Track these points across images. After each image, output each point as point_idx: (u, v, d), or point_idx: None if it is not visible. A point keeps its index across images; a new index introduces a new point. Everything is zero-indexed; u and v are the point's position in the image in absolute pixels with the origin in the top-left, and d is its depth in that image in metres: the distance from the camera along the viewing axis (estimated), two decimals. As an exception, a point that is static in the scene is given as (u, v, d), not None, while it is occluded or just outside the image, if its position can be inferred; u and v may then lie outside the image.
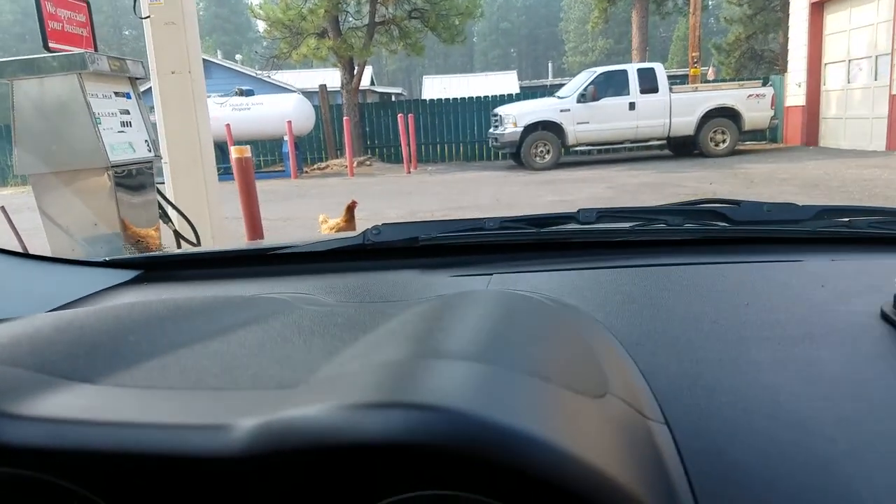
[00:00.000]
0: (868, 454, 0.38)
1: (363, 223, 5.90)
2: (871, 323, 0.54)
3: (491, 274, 0.76)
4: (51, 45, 3.07)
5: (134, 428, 0.34)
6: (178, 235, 3.76)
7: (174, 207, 3.86)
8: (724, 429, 0.41)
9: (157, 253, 1.11)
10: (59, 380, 0.39)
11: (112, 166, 3.10)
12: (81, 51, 3.15)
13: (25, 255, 0.84)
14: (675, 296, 0.65)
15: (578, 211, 0.85)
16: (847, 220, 0.83)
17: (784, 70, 18.67)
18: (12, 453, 0.34)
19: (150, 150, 3.58)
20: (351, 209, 4.58)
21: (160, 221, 3.67)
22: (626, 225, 0.85)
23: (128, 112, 3.44)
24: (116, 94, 3.37)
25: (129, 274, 0.90)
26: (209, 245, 4.29)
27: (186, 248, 1.06)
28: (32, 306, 0.74)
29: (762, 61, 22.62)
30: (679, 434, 0.39)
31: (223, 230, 4.69)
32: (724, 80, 16.23)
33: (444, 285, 0.74)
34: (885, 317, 0.55)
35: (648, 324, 0.58)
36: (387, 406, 0.31)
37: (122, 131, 3.35)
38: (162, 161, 4.23)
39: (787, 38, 21.19)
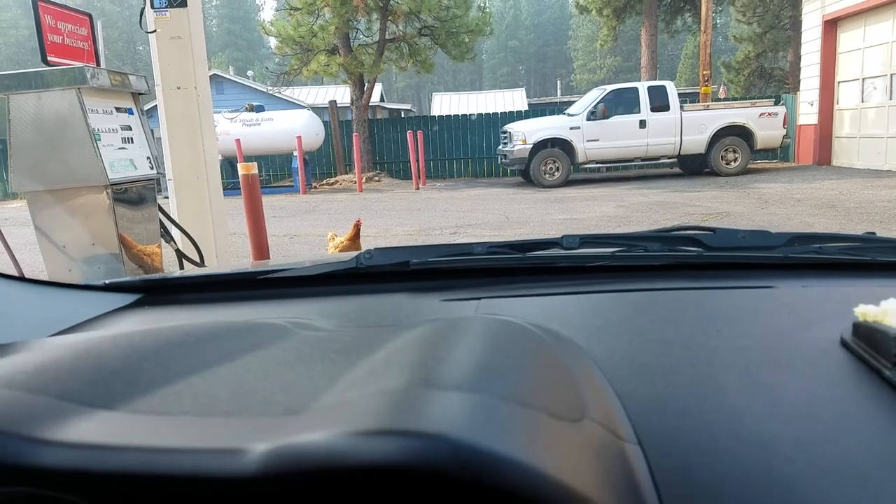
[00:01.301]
0: (823, 474, 0.40)
1: (371, 240, 5.79)
2: (832, 349, 0.57)
3: (479, 298, 0.78)
4: (49, 58, 2.99)
5: (154, 453, 0.36)
6: (180, 255, 3.65)
7: (177, 226, 3.76)
8: (693, 449, 0.43)
9: (155, 276, 1.11)
10: (82, 406, 0.41)
11: (111, 184, 3.00)
12: (81, 65, 3.06)
13: (25, 280, 0.85)
14: (651, 321, 0.68)
15: (563, 237, 0.87)
16: (818, 246, 0.85)
17: (794, 88, 18.65)
18: (41, 476, 0.37)
19: (152, 168, 3.48)
20: (357, 227, 4.48)
21: (161, 240, 3.56)
22: (608, 251, 0.87)
23: (129, 128, 3.35)
24: (118, 109, 3.28)
25: (128, 297, 0.91)
26: (213, 264, 4.20)
27: (185, 271, 1.13)
28: (35, 331, 0.75)
29: (771, 79, 22.58)
30: (651, 453, 0.42)
31: (228, 248, 4.58)
32: (734, 99, 16.13)
33: (435, 309, 0.76)
34: (844, 343, 0.57)
35: (625, 348, 0.60)
36: (384, 433, 0.34)
37: (123, 148, 3.25)
38: (166, 178, 4.14)
39: (798, 57, 21.26)
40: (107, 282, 0.93)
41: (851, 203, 7.76)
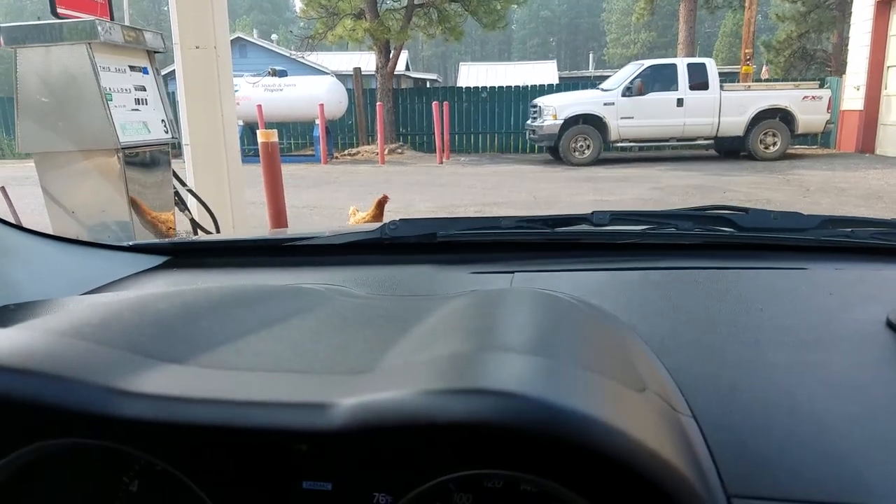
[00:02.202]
0: (878, 449, 0.41)
1: (393, 215, 5.54)
2: (877, 331, 0.57)
3: (512, 272, 0.77)
4: (59, 10, 2.76)
5: (239, 406, 0.37)
6: (195, 225, 3.45)
7: (193, 194, 3.55)
8: (747, 423, 0.43)
9: (180, 239, 1.15)
10: (152, 360, 0.41)
11: (122, 148, 2.79)
12: (91, 18, 2.83)
13: (54, 238, 0.84)
14: (691, 299, 0.67)
15: (592, 213, 0.86)
16: (850, 230, 0.85)
17: (837, 72, 17.94)
18: (124, 427, 0.37)
19: (167, 132, 3.26)
20: (382, 204, 4.23)
21: (175, 209, 3.36)
22: (638, 228, 0.86)
23: (144, 88, 3.12)
24: (132, 68, 3.05)
25: (154, 259, 0.91)
26: (229, 234, 4.02)
27: (212, 236, 1.13)
28: (67, 289, 0.74)
29: (813, 61, 21.80)
30: (706, 427, 0.42)
31: (245, 218, 4.38)
32: (776, 80, 15.47)
33: (467, 281, 0.75)
34: (890, 325, 0.57)
35: (669, 325, 0.60)
36: (472, 392, 0.34)
37: (137, 109, 3.04)
38: (182, 143, 3.94)
39: (843, 39, 20.46)
40: (131, 243, 0.93)
41: (901, 195, 7.35)
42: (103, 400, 0.37)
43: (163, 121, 3.25)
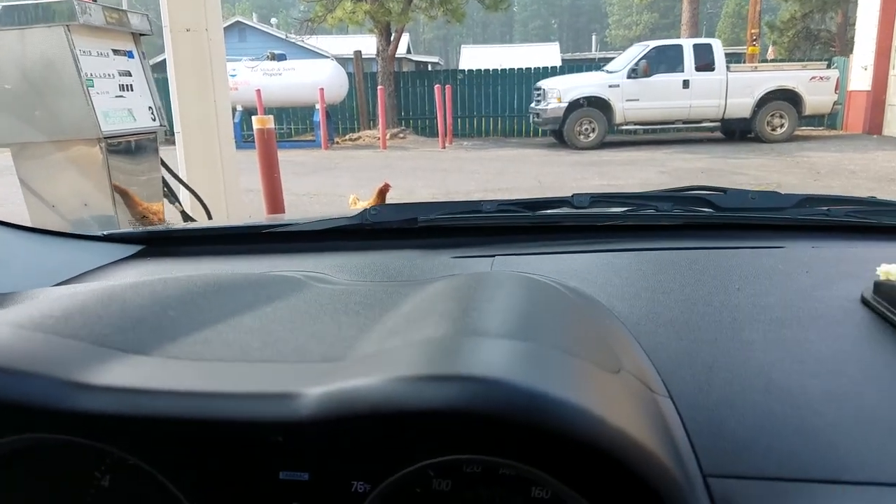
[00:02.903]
0: (853, 426, 0.41)
1: (394, 201, 5.37)
2: (853, 308, 0.58)
3: (493, 256, 0.77)
4: (34, -10, 2.60)
5: (204, 397, 0.36)
6: (186, 217, 3.31)
7: (183, 184, 3.41)
8: (723, 402, 0.43)
9: (155, 227, 1.10)
10: (115, 351, 0.40)
11: (105, 137, 2.64)
12: (70, -2, 2.67)
13: (24, 228, 0.82)
14: (669, 279, 0.67)
15: (573, 195, 0.86)
16: (826, 209, 0.86)
17: (841, 52, 17.67)
18: (85, 421, 0.36)
19: (154, 119, 3.11)
20: (383, 192, 4.07)
21: (165, 201, 3.22)
22: (618, 210, 0.86)
23: (129, 74, 2.96)
24: (116, 52, 2.89)
25: (128, 249, 0.89)
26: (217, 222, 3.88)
27: (187, 224, 1.25)
28: (38, 280, 0.73)
29: (817, 41, 21.54)
30: (682, 407, 0.42)
31: (240, 207, 4.24)
32: (782, 61, 15.16)
33: (448, 266, 0.75)
34: (865, 302, 0.58)
35: (647, 305, 0.60)
36: (445, 378, 0.34)
37: (121, 96, 2.88)
38: (174, 131, 3.79)
39: (847, 19, 20.12)
40: (105, 232, 0.90)
41: (914, 177, 7.17)
42: (62, 394, 0.36)
43: (150, 108, 3.10)
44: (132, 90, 2.97)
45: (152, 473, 0.38)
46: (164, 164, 3.23)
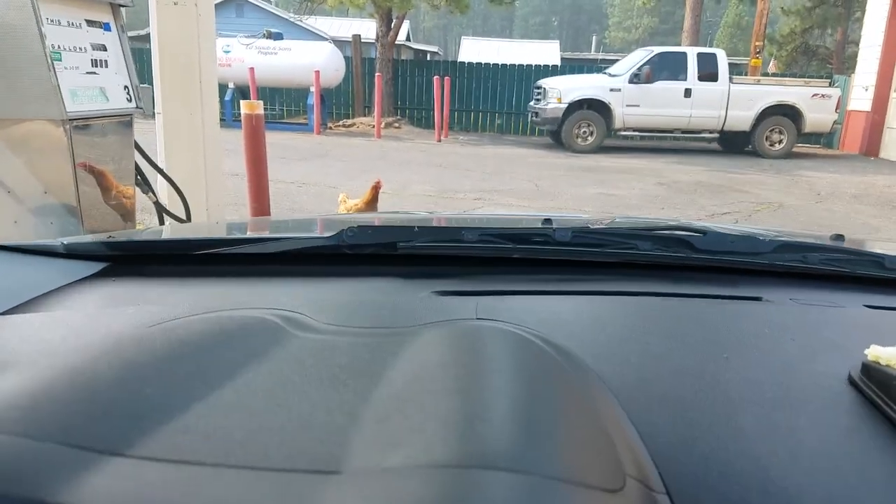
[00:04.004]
0: None
1: (388, 198, 5.05)
2: (841, 388, 0.56)
3: (476, 293, 0.76)
4: (-2, -52, 2.31)
5: None
6: (160, 209, 3.04)
7: (162, 173, 3.13)
8: (720, 501, 0.42)
9: (122, 240, 0.91)
10: (87, 453, 0.36)
11: (71, 119, 2.36)
12: (37, -41, 2.37)
13: None
14: (657, 339, 0.66)
15: (555, 229, 0.87)
16: (802, 255, 0.87)
17: (838, 69, 17.63)
18: None
19: (130, 100, 2.83)
20: (376, 190, 3.83)
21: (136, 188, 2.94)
22: (597, 249, 0.87)
23: (104, 48, 2.68)
24: (90, 23, 2.61)
25: (91, 266, 0.83)
26: (202, 218, 3.61)
27: (154, 234, 1.16)
28: None
29: (814, 57, 21.50)
30: None
31: (222, 197, 3.97)
32: (783, 75, 15.05)
33: (430, 306, 0.72)
34: (852, 382, 0.57)
35: (636, 373, 0.58)
36: None
37: (93, 73, 2.60)
38: (155, 112, 3.51)
39: (846, 36, 20.07)
40: (65, 242, 0.86)
41: (916, 205, 7.06)
42: None
43: (126, 87, 2.81)
44: (107, 66, 2.68)
45: None
46: (139, 149, 2.95)
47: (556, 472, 0.36)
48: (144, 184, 2.94)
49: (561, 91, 10.83)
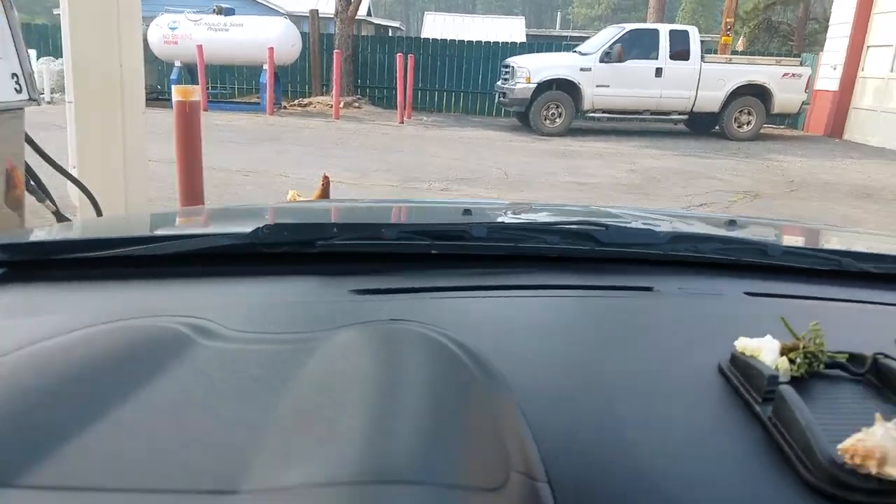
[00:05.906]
0: None
1: (345, 189, 4.50)
2: (711, 377, 0.59)
3: (392, 292, 0.77)
4: None
5: None
6: (60, 218, 2.55)
7: (64, 173, 2.63)
8: (598, 491, 0.44)
9: (18, 241, 0.86)
10: None
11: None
12: None
13: None
14: (555, 336, 0.70)
15: (471, 225, 0.89)
16: (694, 245, 0.90)
17: (798, 46, 17.62)
18: None
19: (20, 90, 2.32)
20: (326, 187, 3.41)
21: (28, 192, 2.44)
22: (509, 244, 0.90)
23: (-19, 28, 2.16)
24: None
25: None
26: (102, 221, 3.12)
27: (58, 233, 0.99)
28: None
29: (776, 34, 21.47)
30: (559, 495, 0.43)
31: (145, 193, 3.47)
32: (751, 53, 14.89)
33: (345, 308, 0.72)
34: (721, 371, 0.60)
35: (533, 371, 0.59)
36: None
37: (-34, 58, 2.08)
38: (66, 100, 2.99)
39: (807, 13, 20.09)
40: None
41: (889, 194, 6.93)
42: None
43: (14, 75, 2.30)
44: (-14, 50, 2.17)
45: None
46: (34, 145, 2.45)
47: (454, 479, 0.37)
48: (40, 190, 2.44)
49: (530, 70, 10.40)
